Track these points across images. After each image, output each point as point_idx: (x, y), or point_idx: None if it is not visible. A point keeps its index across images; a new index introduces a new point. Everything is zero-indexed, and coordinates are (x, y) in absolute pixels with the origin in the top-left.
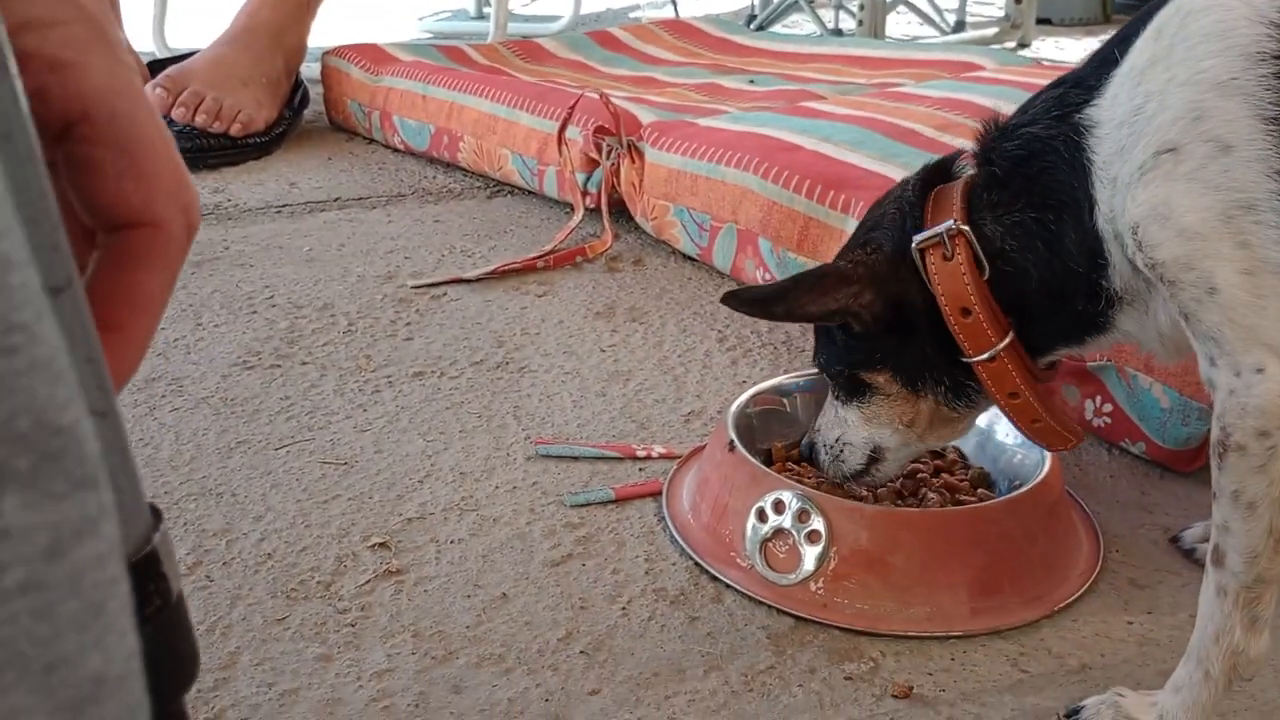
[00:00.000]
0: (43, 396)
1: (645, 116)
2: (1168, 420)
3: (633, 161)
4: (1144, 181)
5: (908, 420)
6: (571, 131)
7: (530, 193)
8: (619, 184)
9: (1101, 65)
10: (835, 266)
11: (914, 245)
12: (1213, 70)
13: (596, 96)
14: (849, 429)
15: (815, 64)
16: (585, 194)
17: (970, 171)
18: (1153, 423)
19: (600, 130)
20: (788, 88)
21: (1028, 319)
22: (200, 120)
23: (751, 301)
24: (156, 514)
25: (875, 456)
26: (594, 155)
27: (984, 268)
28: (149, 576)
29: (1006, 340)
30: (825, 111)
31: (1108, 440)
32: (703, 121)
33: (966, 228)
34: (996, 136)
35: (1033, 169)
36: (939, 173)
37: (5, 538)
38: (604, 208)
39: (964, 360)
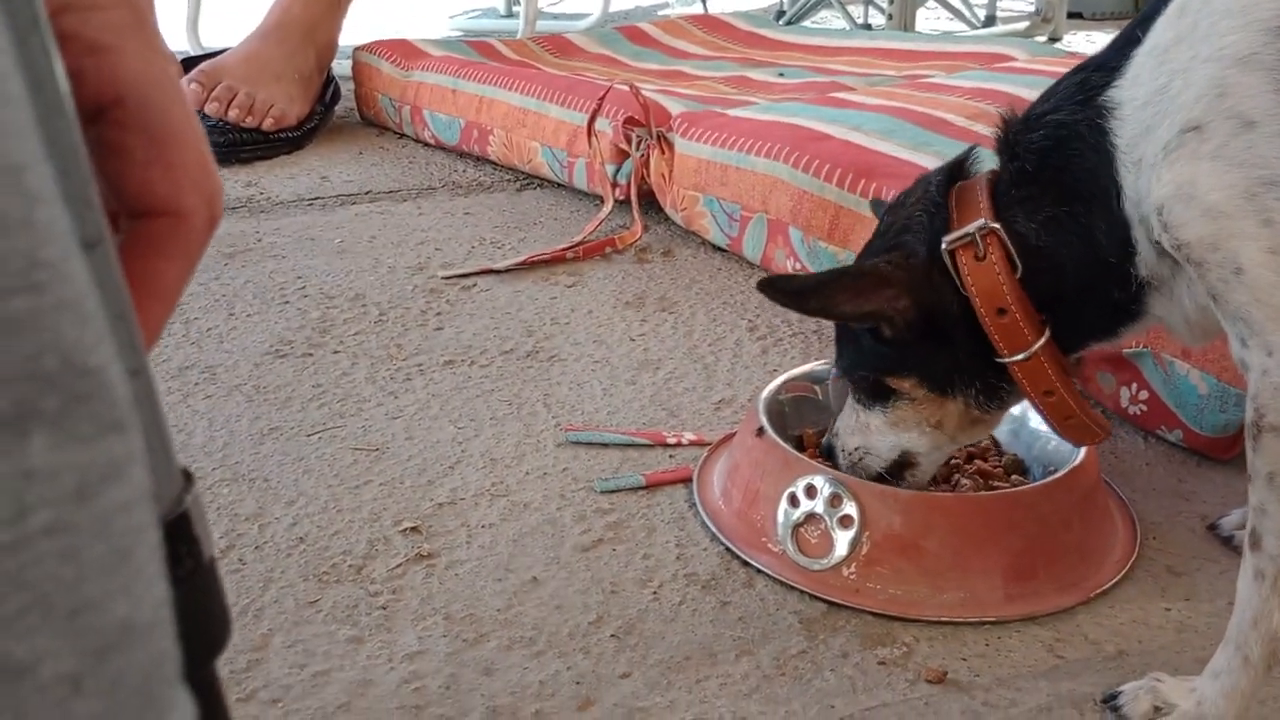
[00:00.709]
0: (70, 337)
1: (674, 108)
2: (1205, 407)
3: (662, 152)
4: (1169, 161)
5: (935, 422)
6: (601, 123)
7: (560, 185)
8: (648, 175)
9: (1124, 46)
10: (875, 267)
11: (944, 246)
12: (1234, 45)
13: (626, 88)
14: (872, 435)
15: (845, 57)
16: (615, 185)
17: (992, 165)
18: (1190, 409)
19: (630, 121)
20: (817, 80)
21: (1062, 315)
22: (233, 115)
23: (787, 292)
24: (188, 477)
25: (905, 461)
26: (624, 147)
27: (1017, 266)
28: (181, 538)
29: (1044, 339)
30: (855, 101)
31: (1144, 428)
32: (732, 112)
33: (998, 225)
34: (1020, 127)
35: (1060, 159)
36: (958, 169)
37: (31, 478)
38: (634, 199)
39: (999, 361)
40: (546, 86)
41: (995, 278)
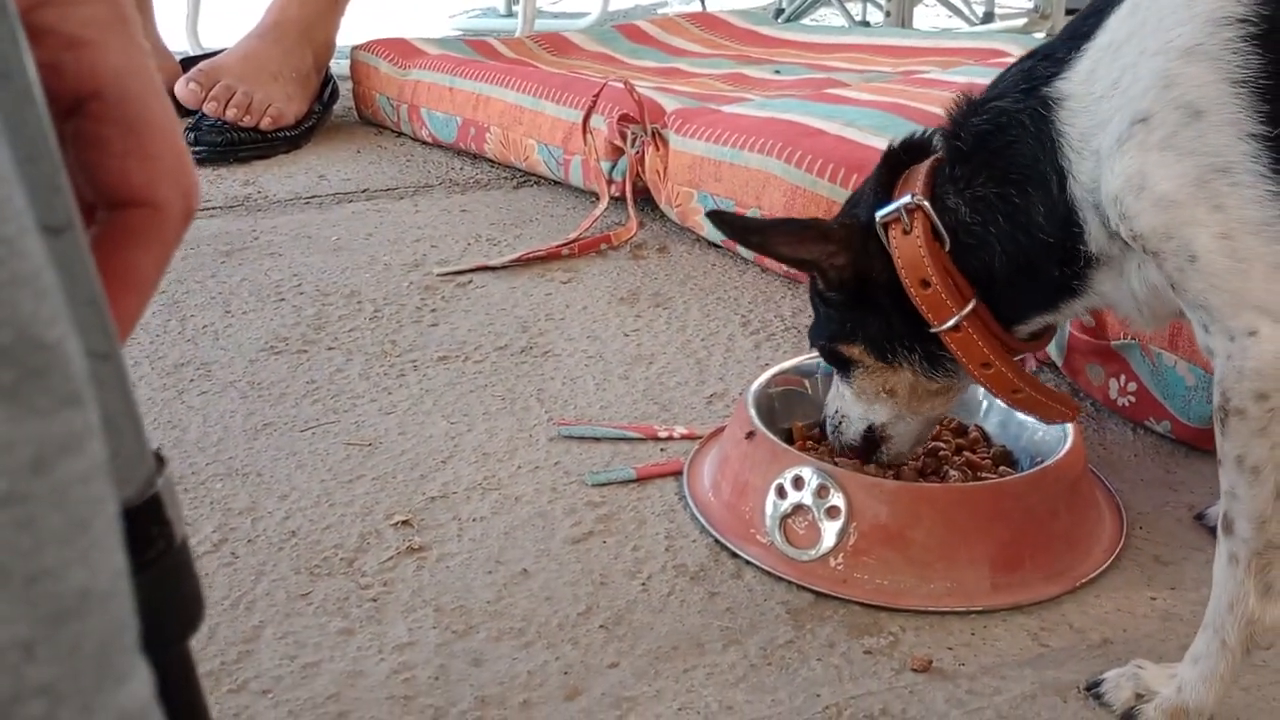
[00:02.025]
0: (26, 311)
1: (669, 104)
2: (1192, 398)
3: (657, 149)
4: (1120, 152)
5: (889, 389)
6: (596, 120)
7: (556, 183)
8: (644, 171)
9: (1072, 38)
10: (821, 221)
11: (877, 220)
12: (1180, 38)
13: (621, 85)
14: (845, 403)
15: (841, 54)
16: (610, 182)
17: (940, 147)
18: (1177, 401)
19: (625, 118)
20: (813, 76)
21: (996, 289)
22: (231, 114)
23: (734, 225)
24: (160, 459)
25: (877, 434)
26: (618, 143)
27: (944, 240)
28: (152, 520)
29: (967, 309)
30: (849, 97)
31: (1133, 420)
32: (727, 108)
33: (925, 202)
34: (966, 112)
35: (996, 144)
36: (914, 150)
37: None
38: (629, 196)
39: (931, 331)
40: (542, 84)
41: (918, 250)
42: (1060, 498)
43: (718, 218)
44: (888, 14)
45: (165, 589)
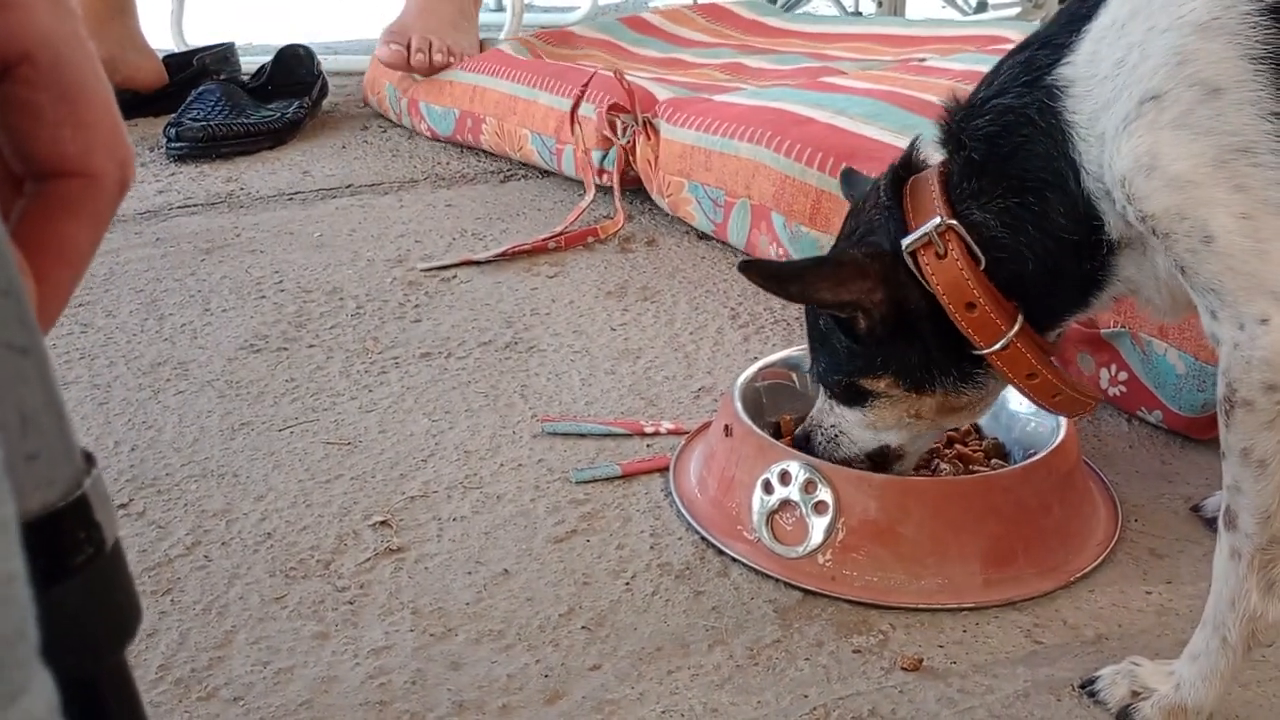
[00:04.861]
0: None
1: (661, 94)
2: (1183, 386)
3: (648, 138)
4: (1128, 132)
5: (914, 414)
6: (585, 109)
7: (544, 176)
8: (634, 161)
9: (1071, 21)
10: (854, 257)
11: (905, 247)
12: (1194, 12)
13: (610, 74)
14: (848, 424)
15: (843, 43)
16: (602, 172)
17: (941, 157)
18: (1168, 390)
19: (615, 108)
20: (811, 65)
21: (1032, 298)
22: (438, 59)
23: (768, 276)
24: (89, 458)
25: (887, 453)
26: (606, 133)
27: (980, 259)
28: (79, 524)
29: (1018, 326)
30: (843, 85)
31: (1125, 409)
32: (718, 97)
33: (955, 222)
34: (964, 115)
35: (1008, 145)
36: (906, 165)
37: None
38: (616, 187)
39: (975, 353)
40: (536, 74)
41: (959, 273)
42: (1053, 491)
43: (751, 269)
44: (880, 4)
45: (94, 596)
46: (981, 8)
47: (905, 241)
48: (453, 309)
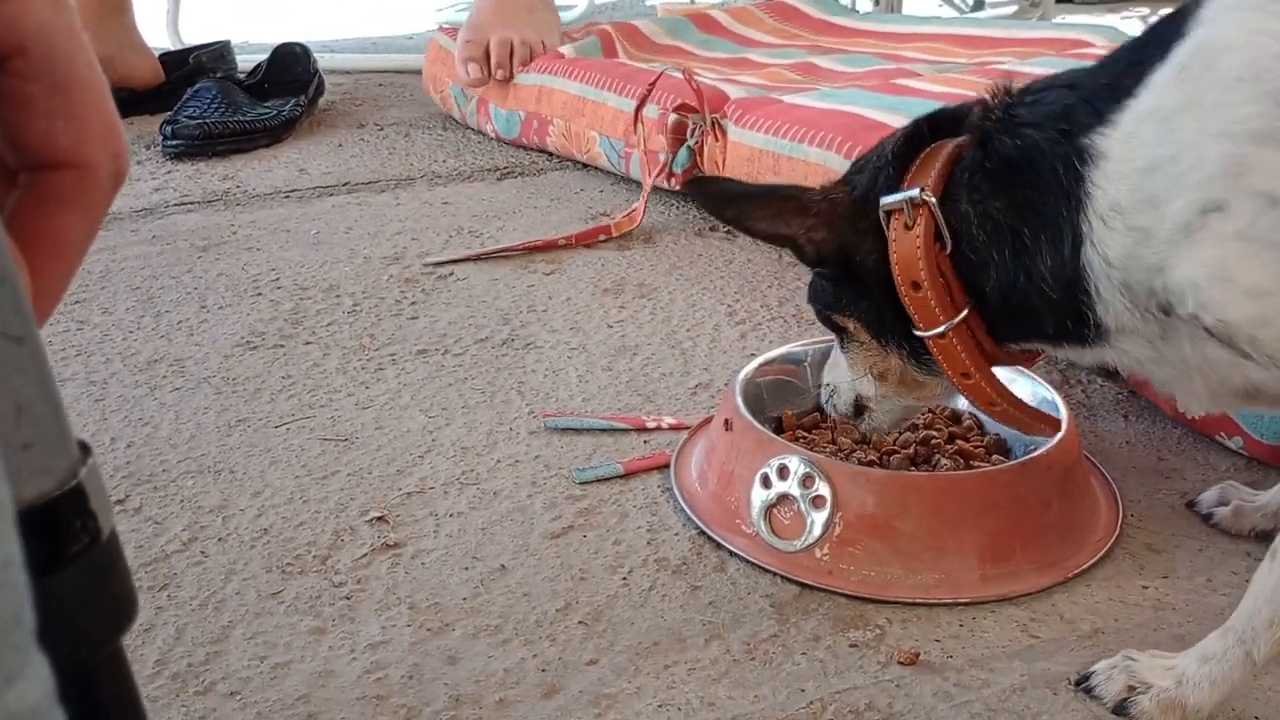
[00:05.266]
0: None
1: (734, 94)
2: (1265, 415)
3: (716, 139)
4: (1194, 242)
5: (879, 372)
6: (651, 110)
7: (539, 174)
8: (702, 162)
9: (1115, 85)
10: (800, 192)
11: (881, 206)
12: (1249, 119)
13: (679, 74)
14: (838, 371)
15: (917, 43)
16: (670, 175)
17: (964, 139)
18: (1249, 417)
19: (684, 108)
20: (885, 66)
21: (991, 309)
22: (520, 70)
23: (710, 196)
24: (85, 449)
25: (860, 404)
26: (663, 137)
27: (946, 242)
28: (75, 512)
29: (955, 319)
30: (918, 89)
31: (1204, 433)
32: (788, 98)
33: (932, 200)
34: (1000, 119)
35: (1021, 179)
36: (941, 127)
37: None
38: (645, 184)
39: (915, 333)
40: (605, 75)
41: (915, 250)
42: (1052, 487)
43: (695, 186)
44: (876, 1)
45: (91, 585)
46: (978, 6)
47: (884, 200)
48: (449, 306)
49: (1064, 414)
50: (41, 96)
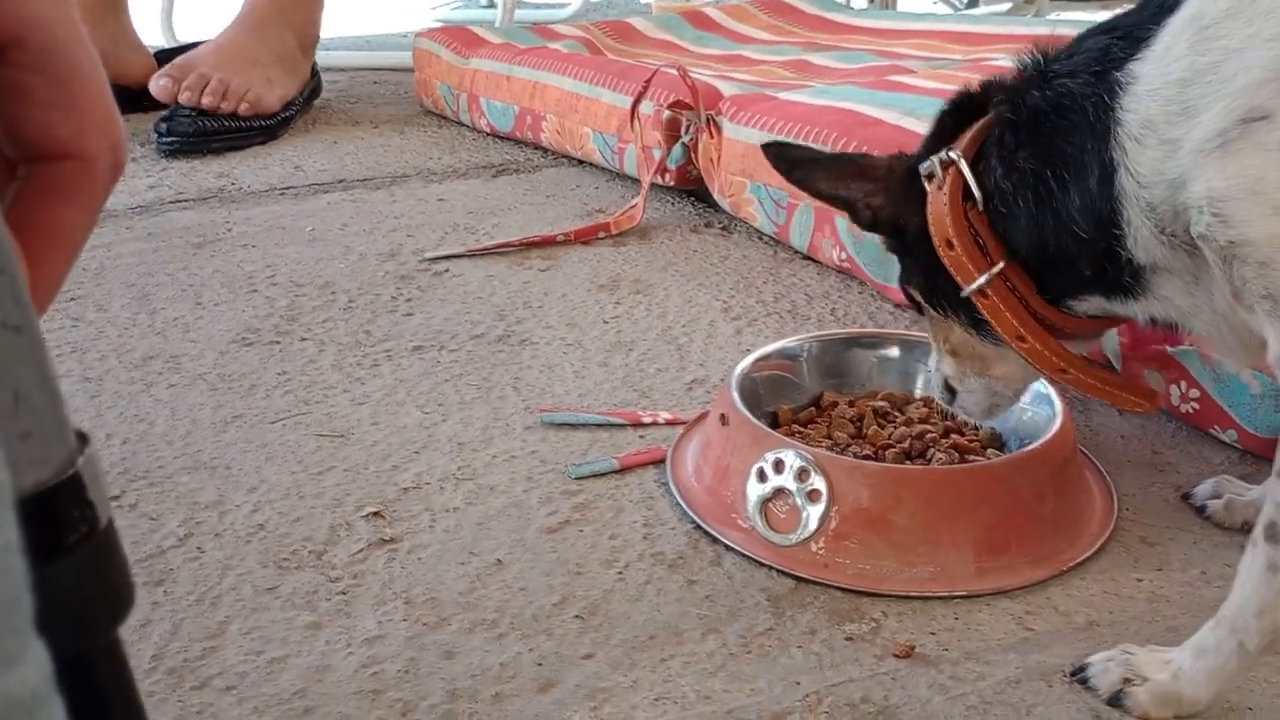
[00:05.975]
0: None
1: (728, 91)
2: (1259, 407)
3: (711, 136)
4: (1227, 153)
5: (951, 346)
6: (646, 106)
7: (534, 171)
8: (697, 159)
9: (1158, 12)
10: (863, 158)
11: (922, 171)
12: None
13: (674, 71)
14: (930, 355)
15: (911, 40)
16: (666, 171)
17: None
18: (1243, 409)
19: (678, 105)
20: (879, 63)
21: (1029, 261)
22: (207, 101)
23: (780, 158)
24: (83, 438)
25: (949, 386)
26: (658, 133)
27: (976, 200)
28: (73, 502)
29: (990, 272)
30: (913, 85)
31: (1198, 427)
32: (783, 95)
33: (960, 159)
34: (1033, 79)
35: (1049, 126)
36: (994, 90)
37: None
38: (644, 182)
39: (961, 296)
40: (599, 71)
41: (943, 208)
42: (1047, 481)
43: (772, 148)
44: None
45: (89, 574)
46: (973, 4)
47: (923, 166)
48: (445, 302)
49: (1058, 408)
50: (41, 88)
